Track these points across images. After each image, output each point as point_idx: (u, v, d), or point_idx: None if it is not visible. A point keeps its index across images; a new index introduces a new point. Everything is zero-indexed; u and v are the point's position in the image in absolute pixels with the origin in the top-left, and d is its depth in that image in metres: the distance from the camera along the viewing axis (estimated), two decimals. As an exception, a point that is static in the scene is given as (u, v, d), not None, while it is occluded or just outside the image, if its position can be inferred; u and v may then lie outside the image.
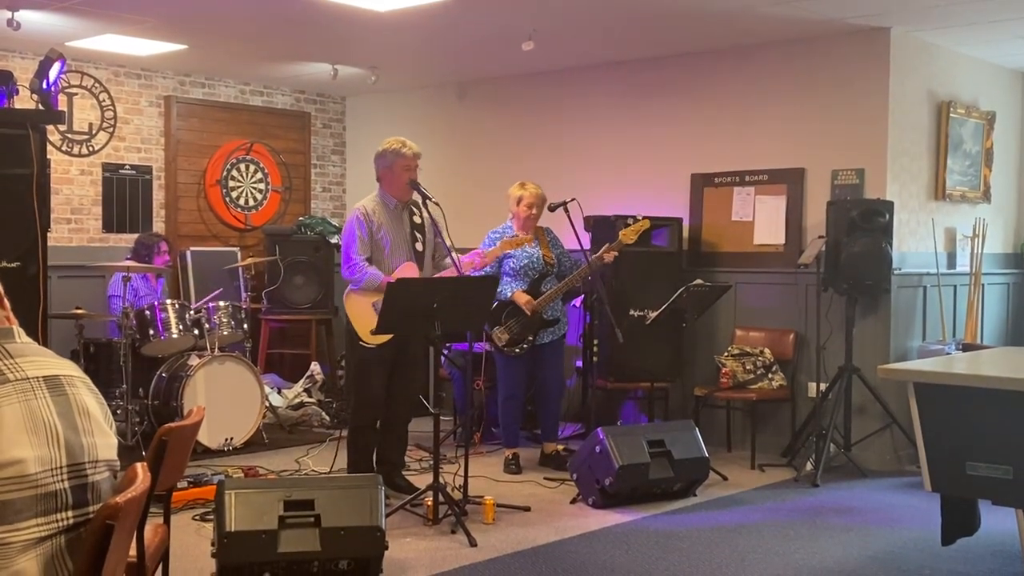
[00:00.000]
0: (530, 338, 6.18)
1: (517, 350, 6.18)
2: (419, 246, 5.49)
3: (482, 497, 5.22)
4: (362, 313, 5.28)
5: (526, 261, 6.20)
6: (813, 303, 6.46)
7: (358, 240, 5.36)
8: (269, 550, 4.03)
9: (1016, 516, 4.31)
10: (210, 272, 8.25)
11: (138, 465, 2.23)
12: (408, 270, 5.37)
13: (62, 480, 2.05)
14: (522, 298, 6.14)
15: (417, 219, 5.53)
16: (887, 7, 5.98)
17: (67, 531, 2.06)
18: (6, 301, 2.25)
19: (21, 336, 2.21)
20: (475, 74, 8.32)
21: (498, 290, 6.13)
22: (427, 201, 5.38)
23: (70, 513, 2.06)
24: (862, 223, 6.18)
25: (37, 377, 2.11)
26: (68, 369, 2.21)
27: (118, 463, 2.23)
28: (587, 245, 6.43)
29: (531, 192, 6.22)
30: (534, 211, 6.20)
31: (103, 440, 2.18)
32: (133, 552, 2.75)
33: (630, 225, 6.22)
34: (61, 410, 2.10)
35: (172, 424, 2.94)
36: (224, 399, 6.46)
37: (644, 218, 6.30)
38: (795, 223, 6.83)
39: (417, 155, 5.46)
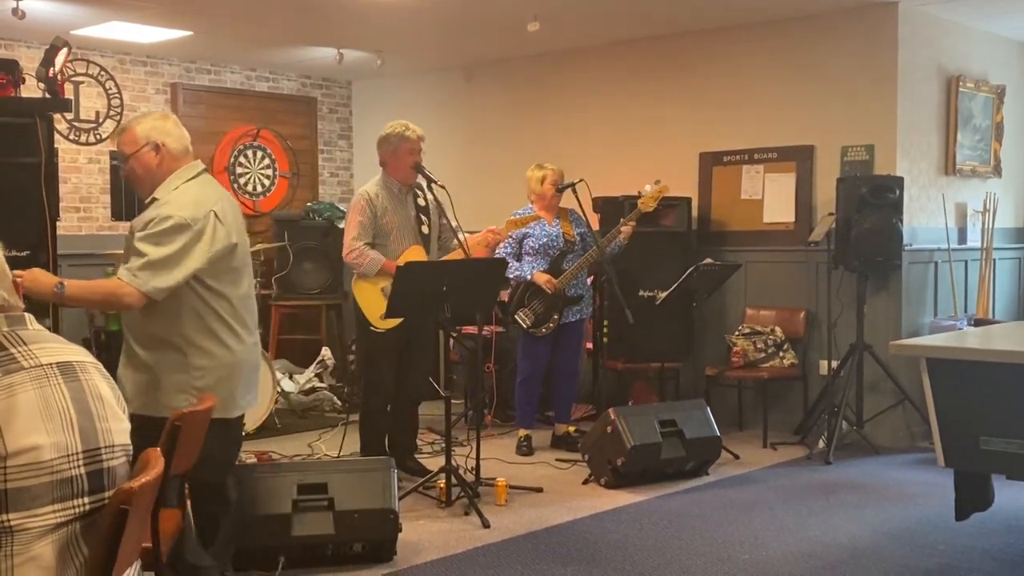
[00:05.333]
0: (555, 317, 6.15)
1: (543, 330, 6.15)
2: (425, 229, 5.47)
3: (495, 479, 5.23)
4: (372, 298, 5.27)
5: (545, 240, 6.18)
6: (824, 281, 6.45)
7: (358, 225, 5.33)
8: (283, 534, 4.06)
9: (1030, 490, 4.31)
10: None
11: (152, 450, 2.24)
12: (415, 253, 5.37)
13: (78, 466, 2.06)
14: (542, 278, 6.12)
15: (422, 202, 5.52)
16: (895, -19, 5.95)
17: (83, 517, 2.06)
18: (18, 289, 2.26)
19: (32, 323, 2.21)
20: (481, 56, 8.29)
21: (519, 272, 6.13)
22: (432, 184, 5.38)
23: (86, 499, 2.07)
24: (872, 199, 6.15)
25: (51, 364, 2.11)
26: (80, 355, 2.22)
27: (131, 447, 2.23)
28: (596, 226, 6.41)
29: (553, 170, 6.21)
30: (558, 187, 6.19)
31: (117, 425, 2.19)
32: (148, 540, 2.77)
33: (647, 192, 6.15)
34: (75, 396, 2.11)
35: (184, 410, 2.94)
36: (236, 385, 6.46)
37: (663, 184, 6.21)
38: (805, 201, 6.80)
39: (421, 138, 5.45)
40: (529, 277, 6.13)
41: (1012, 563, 4.23)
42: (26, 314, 2.21)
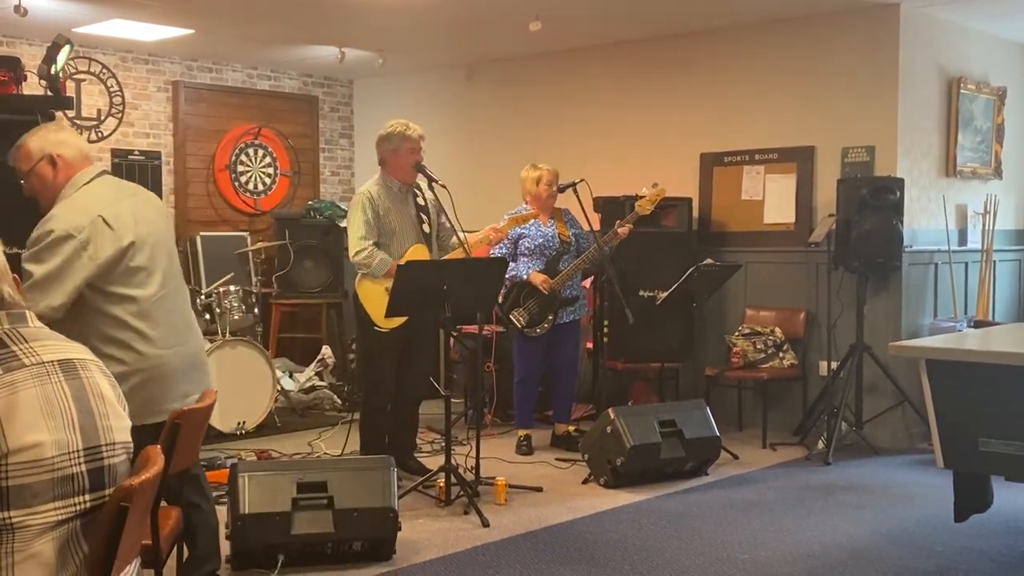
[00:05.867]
0: (550, 317, 6.15)
1: (538, 330, 6.15)
2: (426, 228, 5.48)
3: (494, 478, 5.24)
4: (376, 298, 5.26)
5: (541, 240, 6.18)
6: (824, 281, 6.45)
7: (364, 224, 5.32)
8: (283, 532, 4.06)
9: (1029, 492, 4.31)
10: (220, 257, 8.27)
11: (152, 448, 2.24)
12: (418, 252, 5.37)
13: (79, 463, 2.06)
14: (538, 278, 6.11)
15: (421, 200, 5.52)
16: (897, -18, 5.95)
17: (84, 515, 2.07)
18: (20, 287, 2.26)
19: (33, 321, 2.22)
20: (483, 55, 8.30)
21: (514, 272, 6.12)
22: (433, 183, 5.38)
23: (87, 497, 2.07)
24: (872, 200, 6.15)
25: (52, 361, 2.12)
26: (81, 353, 2.22)
27: (132, 445, 2.24)
28: (597, 226, 6.41)
29: (547, 170, 6.20)
30: (553, 188, 6.18)
31: (118, 423, 2.19)
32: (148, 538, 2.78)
33: (645, 195, 6.15)
34: (76, 393, 2.11)
35: (185, 407, 2.95)
36: (236, 383, 6.47)
37: (660, 187, 6.22)
38: (805, 201, 6.81)
39: (421, 137, 5.45)
40: (525, 277, 6.13)
41: (1011, 565, 4.23)
42: (27, 311, 2.22)
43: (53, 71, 4.84)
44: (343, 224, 8.22)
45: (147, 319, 3.40)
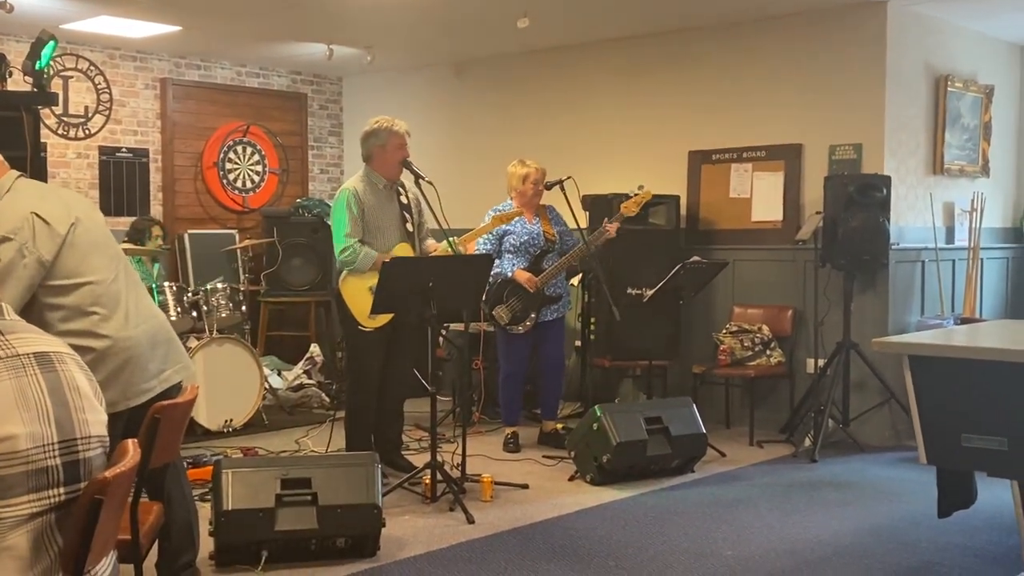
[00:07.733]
0: (533, 315, 6.15)
1: (520, 328, 6.15)
2: (409, 226, 5.46)
3: (480, 475, 5.23)
4: (359, 297, 5.25)
5: (527, 238, 6.18)
6: (811, 279, 6.46)
7: (349, 222, 5.31)
8: (266, 528, 4.05)
9: (1011, 488, 4.31)
10: (208, 255, 8.26)
11: (128, 441, 2.23)
12: (403, 250, 5.36)
13: (54, 456, 2.05)
14: (523, 276, 6.11)
15: (404, 199, 5.51)
16: (883, -20, 5.96)
17: (58, 508, 2.06)
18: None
19: (9, 313, 2.21)
20: (472, 53, 8.29)
21: (499, 269, 6.12)
22: (420, 180, 5.36)
23: (62, 490, 2.06)
24: (860, 198, 6.16)
25: (28, 354, 2.11)
26: (58, 346, 2.21)
27: (108, 439, 2.23)
28: (584, 224, 6.41)
29: (535, 168, 6.19)
30: (540, 187, 6.18)
31: (94, 416, 2.18)
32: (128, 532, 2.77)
33: (632, 197, 6.16)
34: (51, 386, 2.10)
35: (164, 402, 2.93)
36: (223, 381, 6.47)
37: (646, 189, 6.22)
38: (793, 199, 6.82)
39: (408, 133, 5.44)
40: (510, 275, 6.12)
41: (993, 560, 4.25)
42: (3, 304, 2.21)
43: (37, 67, 4.82)
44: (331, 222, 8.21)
45: (105, 302, 3.33)
